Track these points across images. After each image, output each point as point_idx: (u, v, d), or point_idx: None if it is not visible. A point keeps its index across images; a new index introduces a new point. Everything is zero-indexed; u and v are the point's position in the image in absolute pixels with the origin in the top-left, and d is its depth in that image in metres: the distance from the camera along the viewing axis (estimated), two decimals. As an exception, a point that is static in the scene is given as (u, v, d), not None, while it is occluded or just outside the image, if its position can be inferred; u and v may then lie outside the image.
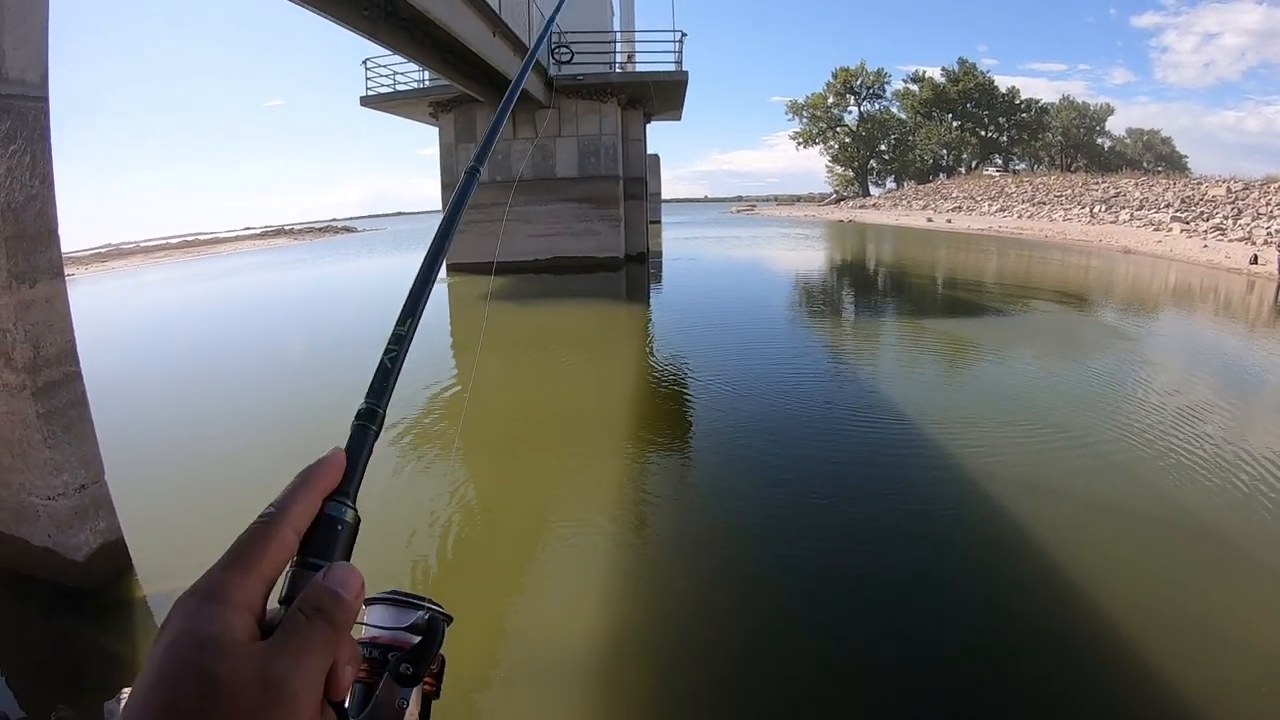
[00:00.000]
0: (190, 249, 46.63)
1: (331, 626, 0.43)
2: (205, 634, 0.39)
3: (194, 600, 0.41)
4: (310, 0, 11.24)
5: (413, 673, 0.53)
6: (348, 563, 0.48)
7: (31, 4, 3.84)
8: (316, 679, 0.41)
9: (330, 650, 0.43)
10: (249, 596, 0.42)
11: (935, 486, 5.39)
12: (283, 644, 0.41)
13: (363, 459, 0.54)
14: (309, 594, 0.44)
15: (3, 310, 3.87)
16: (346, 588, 0.45)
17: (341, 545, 0.49)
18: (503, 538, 4.90)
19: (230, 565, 0.43)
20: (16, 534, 4.17)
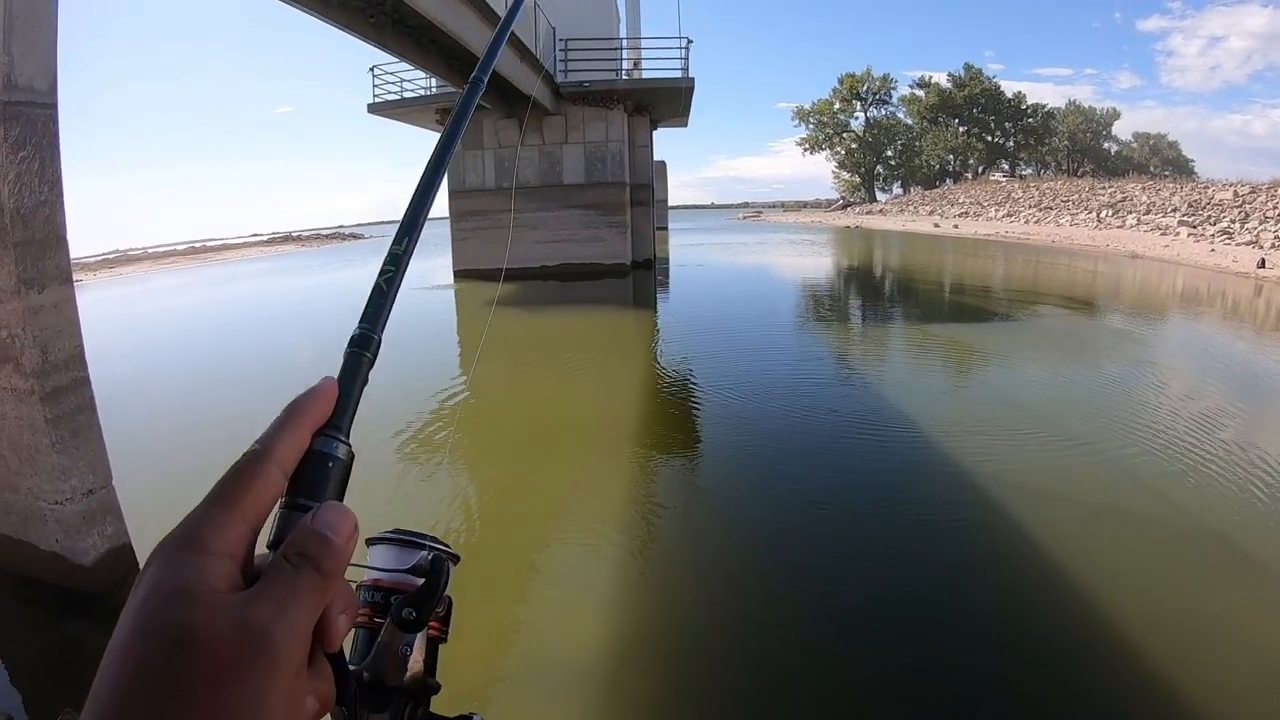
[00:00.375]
0: (198, 255, 46.87)
1: (319, 573, 0.40)
2: (179, 584, 0.36)
3: (169, 548, 0.38)
4: (318, 8, 11.30)
5: (416, 617, 0.51)
6: (339, 503, 0.45)
7: (40, 12, 3.87)
8: (303, 630, 0.38)
9: (318, 599, 0.40)
10: (230, 542, 0.39)
11: (945, 497, 5.34)
12: (265, 592, 0.38)
13: (356, 389, 0.50)
14: (295, 538, 0.41)
15: (11, 315, 3.89)
16: (336, 530, 0.42)
17: (333, 484, 0.46)
18: (509, 543, 4.90)
19: (210, 508, 0.40)
20: (24, 538, 4.19)
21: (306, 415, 0.46)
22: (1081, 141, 79.48)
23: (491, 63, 0.84)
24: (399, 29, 13.38)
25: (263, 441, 0.44)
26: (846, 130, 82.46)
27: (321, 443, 0.46)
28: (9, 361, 3.94)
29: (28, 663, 3.72)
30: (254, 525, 0.41)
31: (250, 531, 0.41)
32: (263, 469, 0.42)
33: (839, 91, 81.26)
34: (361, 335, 0.53)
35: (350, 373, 0.50)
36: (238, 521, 0.40)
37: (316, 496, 0.44)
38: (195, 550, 0.38)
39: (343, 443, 0.47)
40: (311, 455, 0.45)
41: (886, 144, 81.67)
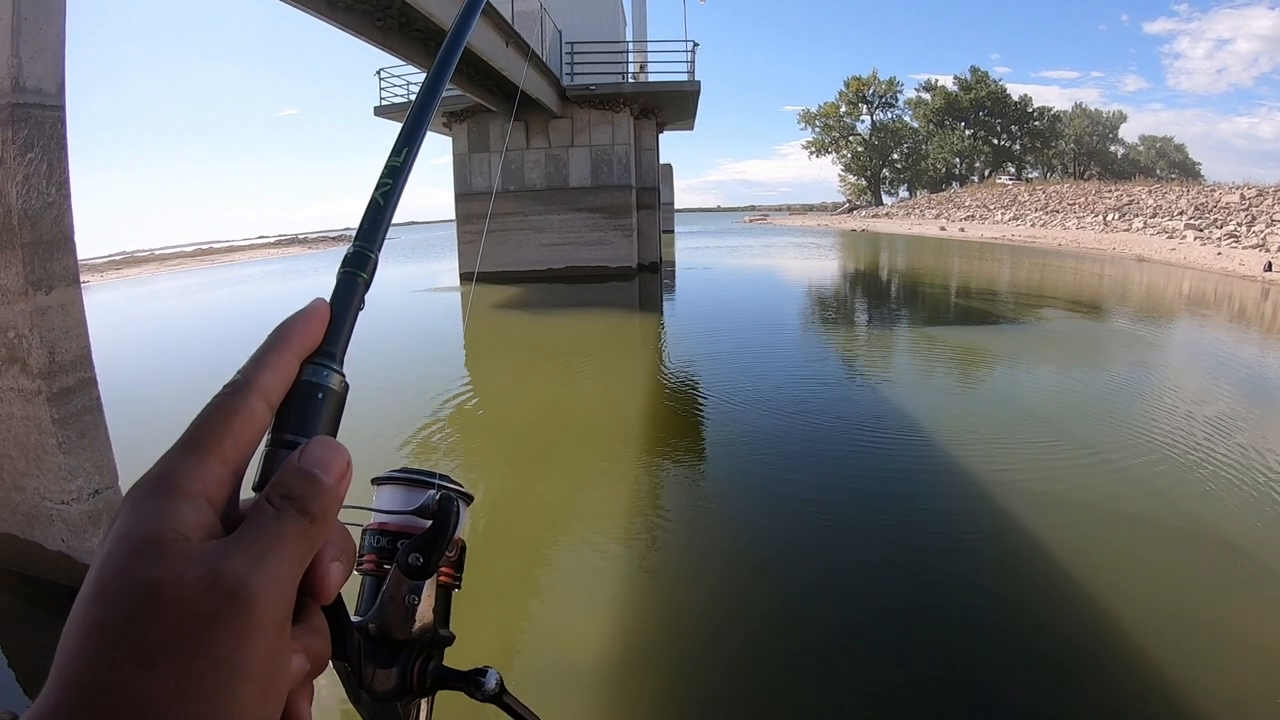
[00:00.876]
0: (204, 257, 47.04)
1: (306, 516, 0.36)
2: (146, 533, 0.32)
3: (140, 491, 0.34)
4: (325, 11, 11.34)
5: (423, 563, 0.47)
6: (331, 438, 0.40)
7: (48, 14, 3.89)
8: (285, 579, 0.34)
9: (305, 545, 0.36)
10: (208, 484, 0.35)
11: (955, 506, 5.31)
12: (242, 540, 0.34)
13: (351, 312, 0.45)
14: (279, 478, 0.37)
15: (19, 316, 3.91)
16: (326, 468, 0.37)
17: (325, 417, 0.41)
18: (514, 546, 4.90)
19: (185, 448, 0.36)
20: (30, 538, 4.21)
21: (294, 341, 0.41)
22: (1088, 145, 79.40)
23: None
24: (406, 32, 13.43)
25: (244, 372, 0.39)
26: (853, 133, 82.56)
27: (311, 372, 0.41)
28: (16, 362, 3.96)
29: (33, 663, 3.74)
30: (235, 466, 0.37)
31: (231, 473, 0.36)
32: (244, 402, 0.38)
33: (845, 95, 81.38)
34: (357, 253, 0.47)
35: (344, 294, 0.46)
36: (215, 462, 0.36)
37: (306, 432, 0.40)
38: (167, 494, 0.34)
39: (335, 371, 0.42)
40: (300, 386, 0.41)
41: (893, 147, 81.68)
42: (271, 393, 0.39)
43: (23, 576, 4.28)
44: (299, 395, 0.40)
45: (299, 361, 0.41)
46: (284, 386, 0.40)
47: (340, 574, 0.39)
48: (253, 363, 0.40)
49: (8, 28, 3.70)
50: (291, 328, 0.41)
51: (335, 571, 0.39)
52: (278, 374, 0.40)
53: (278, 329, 0.41)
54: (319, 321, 0.42)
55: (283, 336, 0.41)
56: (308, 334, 0.42)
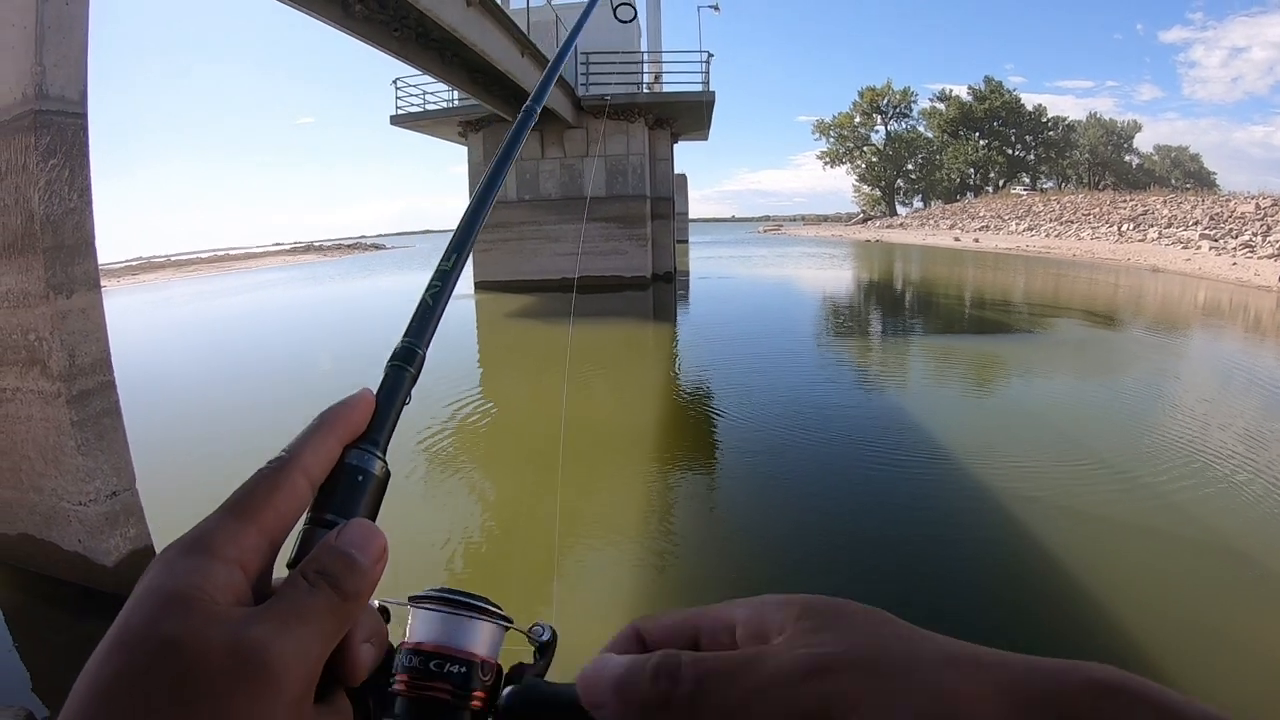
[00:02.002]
0: (220, 263, 47.43)
1: (339, 593, 0.36)
2: (175, 590, 0.33)
3: (175, 550, 0.35)
4: (343, 21, 11.45)
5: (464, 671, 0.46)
6: (369, 521, 0.41)
7: (71, 24, 3.96)
8: (311, 653, 0.34)
9: (335, 622, 0.36)
10: (242, 551, 0.35)
11: (969, 515, 5.28)
12: (271, 609, 0.34)
13: (397, 404, 0.47)
14: (316, 555, 0.38)
15: (40, 320, 3.97)
16: (364, 550, 0.38)
17: (365, 501, 0.42)
18: (527, 553, 4.91)
19: (224, 514, 0.37)
20: (48, 538, 4.26)
21: (338, 425, 0.43)
22: (1102, 154, 79.04)
23: (545, 93, 0.85)
24: (422, 42, 13.53)
25: (290, 449, 0.40)
26: (867, 144, 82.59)
27: (354, 456, 0.42)
28: (37, 364, 4.02)
29: (49, 661, 3.77)
30: (273, 538, 0.38)
31: (268, 544, 0.37)
32: (287, 478, 0.39)
33: (859, 105, 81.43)
34: (405, 349, 0.50)
35: (391, 387, 0.48)
36: (254, 530, 0.36)
37: (345, 513, 0.41)
38: (201, 554, 0.34)
39: (378, 458, 0.43)
40: (342, 468, 0.42)
41: (907, 157, 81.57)
42: (314, 471, 0.40)
43: (39, 576, 4.33)
44: (341, 477, 0.42)
45: (342, 445, 0.42)
46: (326, 467, 0.41)
47: (370, 656, 0.39)
48: (298, 441, 0.41)
49: (31, 36, 3.77)
50: (337, 413, 0.43)
51: (365, 653, 0.39)
52: (320, 455, 0.41)
53: (324, 413, 0.43)
54: (364, 410, 0.44)
55: (328, 420, 0.42)
56: (352, 420, 0.43)
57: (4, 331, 4.10)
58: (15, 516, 4.36)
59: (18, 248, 3.95)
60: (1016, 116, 77.03)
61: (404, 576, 1.57)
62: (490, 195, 0.66)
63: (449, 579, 4.48)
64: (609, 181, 22.05)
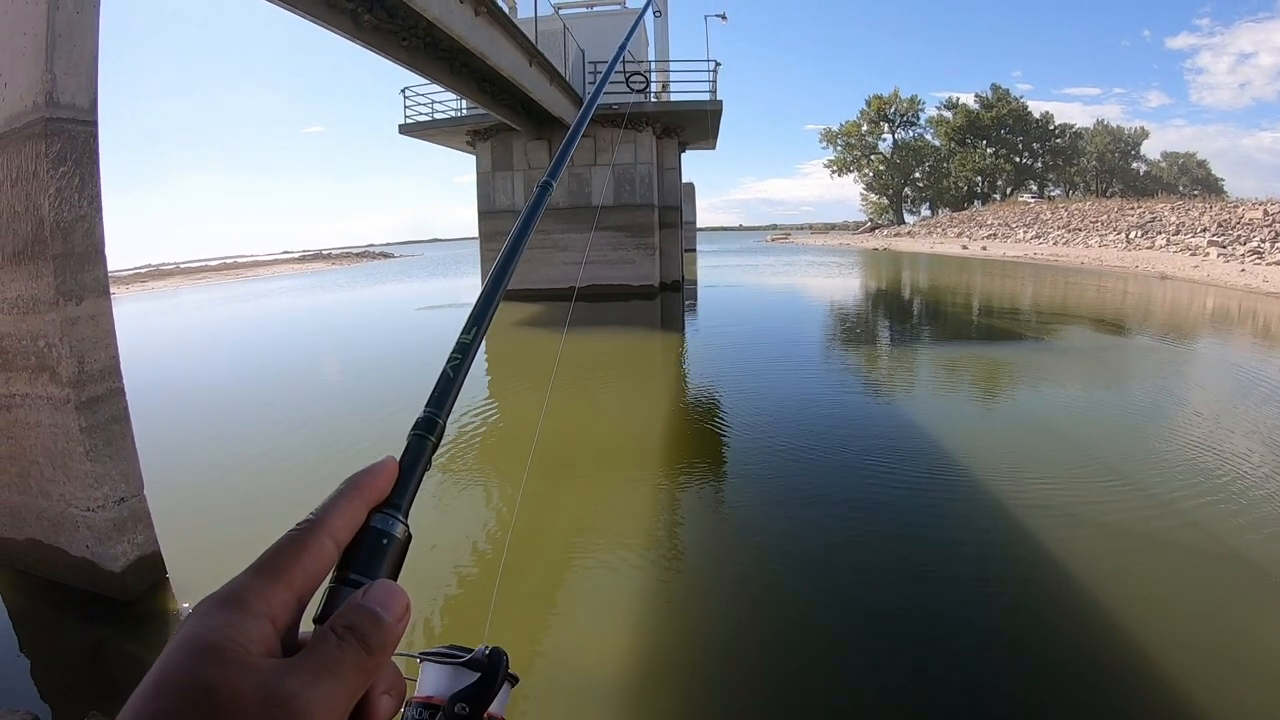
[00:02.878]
0: (229, 271, 47.62)
1: (365, 649, 0.39)
2: (211, 641, 0.35)
3: (210, 604, 0.37)
4: (351, 31, 11.51)
5: (469, 713, 0.49)
6: (393, 582, 0.44)
7: (82, 32, 3.99)
8: (339, 704, 0.36)
9: (361, 675, 0.38)
10: (273, 607, 0.38)
11: (977, 523, 5.26)
12: (302, 662, 0.37)
13: (418, 471, 0.50)
14: (343, 612, 0.40)
15: (49, 326, 4.00)
16: (388, 608, 0.41)
17: (388, 562, 0.45)
18: (535, 560, 4.90)
19: (256, 572, 0.39)
20: (56, 544, 4.27)
21: (364, 491, 0.46)
22: (1110, 162, 78.87)
23: (561, 167, 0.88)
24: (431, 52, 13.57)
25: (317, 513, 0.43)
26: (874, 152, 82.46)
27: (378, 520, 0.45)
28: (46, 371, 4.04)
29: (56, 666, 3.78)
30: (301, 595, 0.40)
31: (296, 601, 0.40)
32: (315, 539, 0.42)
33: (866, 113, 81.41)
34: (427, 419, 0.54)
35: (414, 455, 0.51)
36: (284, 588, 0.39)
37: (369, 573, 0.43)
38: (235, 609, 0.37)
39: (400, 522, 0.46)
40: (367, 531, 0.45)
41: (914, 166, 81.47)
42: (340, 534, 0.43)
43: (47, 581, 4.34)
44: (365, 540, 0.44)
45: (367, 509, 0.45)
46: (351, 529, 0.44)
47: (390, 708, 0.42)
48: (325, 506, 0.44)
49: (42, 44, 3.80)
50: (363, 479, 0.46)
51: (385, 705, 0.41)
52: (347, 518, 0.44)
53: (350, 479, 0.46)
54: (388, 476, 0.47)
55: (354, 486, 0.45)
56: (376, 486, 0.46)
57: (14, 337, 4.12)
58: (24, 522, 4.37)
59: (28, 254, 3.97)
60: (1024, 124, 76.90)
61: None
62: (509, 269, 0.72)
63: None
64: (617, 191, 22.08)
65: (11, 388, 4.18)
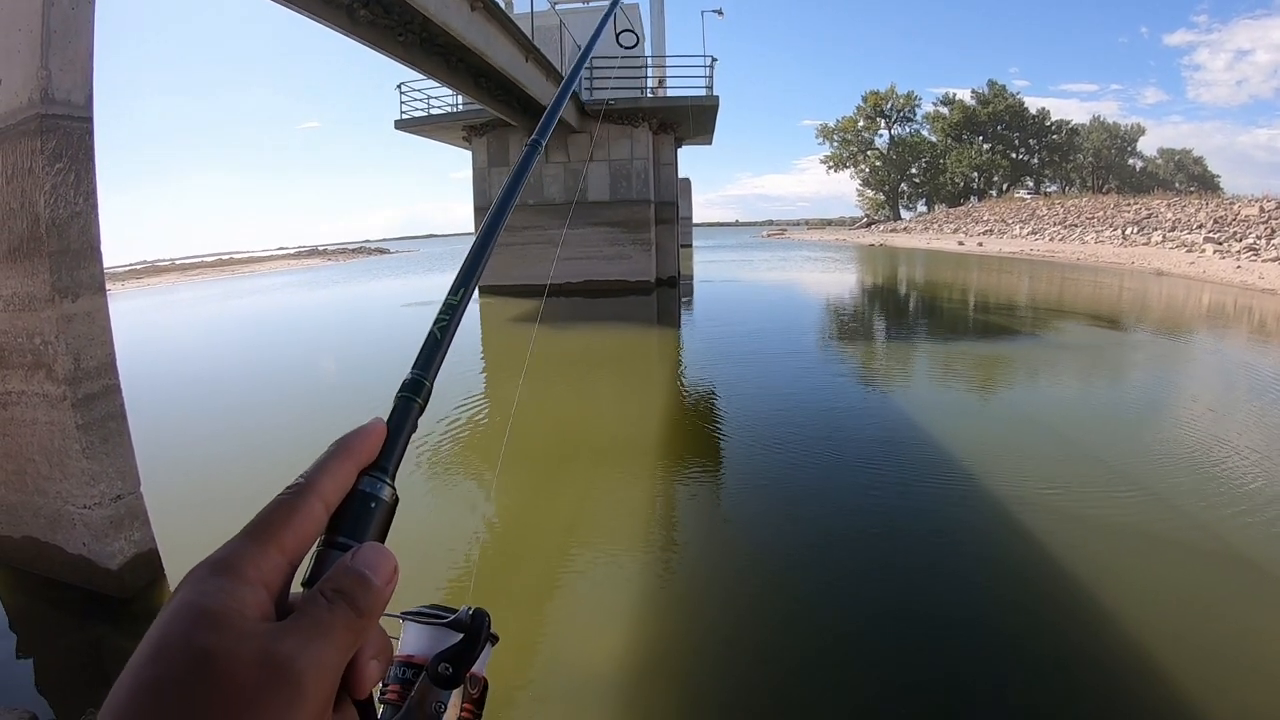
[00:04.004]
0: (226, 268, 47.53)
1: (355, 612, 0.39)
2: (206, 607, 0.35)
3: (202, 571, 0.37)
4: (347, 26, 11.47)
5: (452, 673, 0.49)
6: (381, 544, 0.44)
7: (77, 28, 3.97)
8: (330, 666, 0.37)
9: (351, 637, 0.39)
10: (265, 572, 0.38)
11: (976, 522, 5.25)
12: (296, 625, 0.37)
13: (405, 433, 0.50)
14: (332, 575, 0.41)
15: (45, 323, 3.98)
16: (376, 571, 0.41)
17: (375, 525, 0.45)
18: (530, 558, 4.90)
19: (248, 537, 0.39)
20: (52, 541, 4.26)
21: (353, 453, 0.45)
22: (1106, 158, 78.91)
23: (551, 127, 0.89)
24: (427, 48, 13.53)
25: (307, 476, 0.43)
26: (871, 148, 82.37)
27: (366, 483, 0.45)
28: (42, 368, 4.03)
29: (53, 664, 3.78)
30: (292, 559, 0.40)
31: (288, 565, 0.40)
32: (305, 503, 0.41)
33: (863, 109, 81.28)
34: (413, 380, 0.53)
35: (400, 417, 0.50)
36: (275, 553, 0.39)
37: (357, 536, 0.44)
38: (228, 575, 0.37)
39: (388, 485, 0.46)
40: (355, 495, 0.45)
41: (911, 161, 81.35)
42: (329, 497, 0.43)
43: (44, 579, 4.34)
44: (354, 503, 0.44)
45: (356, 471, 0.45)
46: (341, 492, 0.44)
47: (377, 671, 0.42)
48: (315, 468, 0.43)
49: (38, 40, 3.79)
50: (352, 441, 0.46)
51: (372, 668, 0.42)
52: (337, 481, 0.44)
53: (338, 441, 0.45)
54: (376, 438, 0.47)
55: (343, 448, 0.45)
56: (365, 449, 0.46)
57: (9, 335, 4.11)
58: (20, 519, 4.37)
59: (23, 251, 3.96)
60: (1020, 120, 76.88)
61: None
62: (497, 227, 0.70)
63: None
64: (613, 186, 22.05)
65: (7, 385, 4.17)
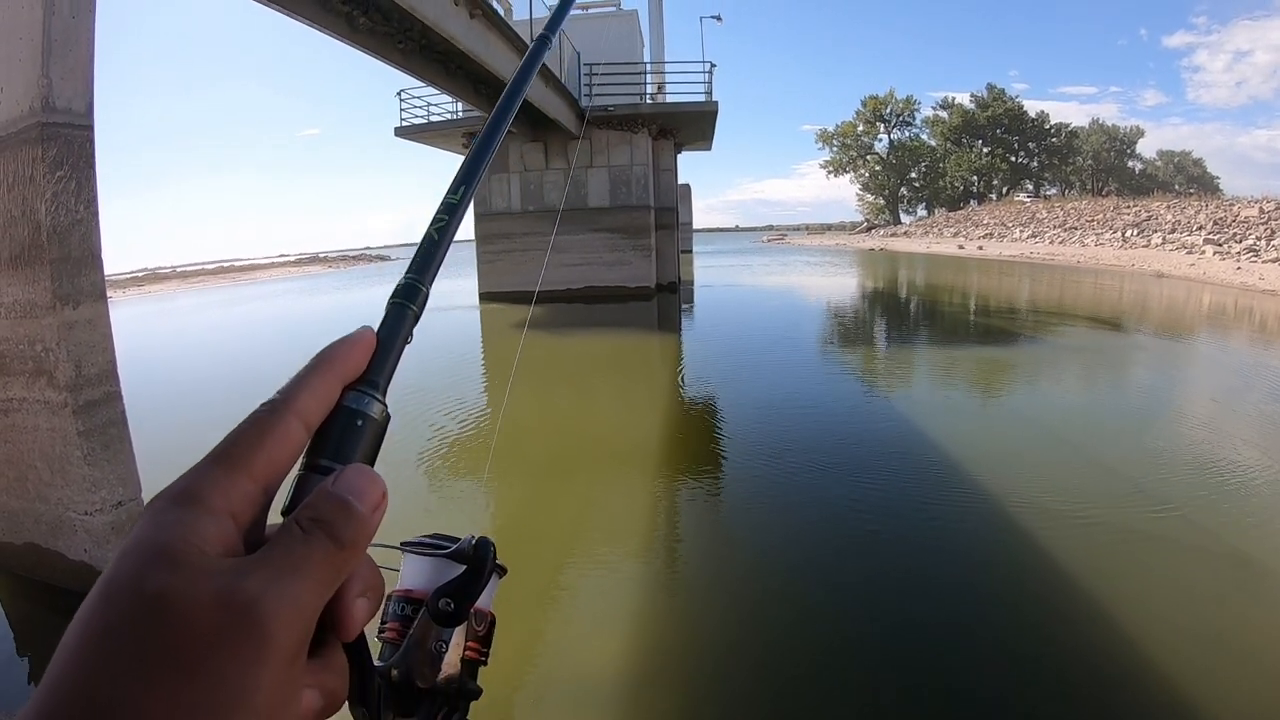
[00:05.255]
0: (227, 275, 47.61)
1: (335, 542, 0.34)
2: (162, 542, 0.31)
3: (162, 500, 0.33)
4: (347, 33, 11.51)
5: (454, 609, 0.45)
6: (368, 467, 0.38)
7: (77, 36, 3.99)
8: (305, 605, 0.32)
9: (330, 573, 0.34)
10: (233, 500, 0.33)
11: (977, 524, 5.22)
12: (263, 559, 0.32)
13: (398, 344, 0.44)
14: (310, 502, 0.35)
15: (46, 330, 4.00)
16: (361, 496, 0.36)
17: (363, 446, 0.39)
18: (533, 562, 4.90)
19: (213, 461, 0.34)
20: (53, 547, 4.27)
21: (337, 365, 0.40)
22: (1105, 161, 78.96)
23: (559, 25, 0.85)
24: (427, 55, 13.58)
25: (283, 391, 0.38)
26: (870, 152, 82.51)
27: (352, 399, 0.40)
28: (43, 375, 4.04)
29: (56, 671, 3.78)
30: (266, 485, 0.35)
31: (260, 492, 0.35)
32: (280, 421, 0.36)
33: (862, 114, 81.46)
34: (408, 285, 0.47)
35: (392, 325, 0.45)
36: (244, 478, 0.34)
37: (342, 458, 0.38)
38: (189, 505, 0.32)
39: (377, 400, 0.41)
40: (340, 411, 0.39)
41: (910, 166, 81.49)
42: (309, 415, 0.38)
43: (45, 586, 4.34)
44: (338, 421, 0.39)
45: (340, 386, 0.40)
46: (323, 410, 0.39)
47: (365, 610, 0.37)
48: (292, 383, 0.38)
49: (38, 49, 3.81)
50: (335, 352, 0.40)
51: (360, 607, 0.37)
52: (318, 396, 0.38)
53: (321, 353, 0.40)
54: (363, 349, 0.41)
55: (325, 360, 0.40)
56: (351, 360, 0.41)
57: (11, 342, 4.12)
58: (21, 526, 4.37)
59: (24, 259, 3.97)
60: (1019, 123, 76.96)
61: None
62: (503, 123, 0.64)
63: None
64: (613, 192, 22.06)
65: (9, 392, 4.19)
